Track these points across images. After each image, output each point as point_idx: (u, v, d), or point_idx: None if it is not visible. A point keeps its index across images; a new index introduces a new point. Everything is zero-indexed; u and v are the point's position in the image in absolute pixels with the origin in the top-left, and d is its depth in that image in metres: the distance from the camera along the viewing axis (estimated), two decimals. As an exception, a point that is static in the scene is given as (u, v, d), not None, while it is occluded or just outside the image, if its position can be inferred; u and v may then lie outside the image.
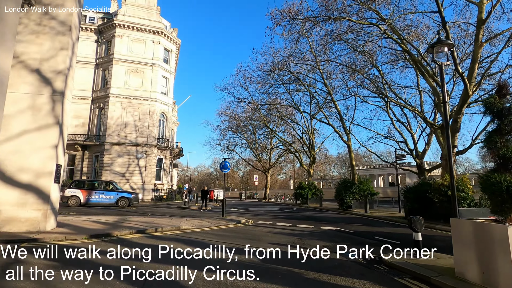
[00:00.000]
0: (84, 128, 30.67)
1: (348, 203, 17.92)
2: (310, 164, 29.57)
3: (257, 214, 17.18)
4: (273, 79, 21.73)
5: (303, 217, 15.44)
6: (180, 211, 18.31)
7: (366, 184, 18.45)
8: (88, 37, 32.09)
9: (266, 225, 11.81)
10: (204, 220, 12.13)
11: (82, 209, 17.14)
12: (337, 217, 15.39)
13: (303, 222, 12.90)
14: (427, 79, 14.22)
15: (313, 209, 21.13)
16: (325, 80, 20.77)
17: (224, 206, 13.58)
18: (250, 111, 33.51)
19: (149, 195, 29.67)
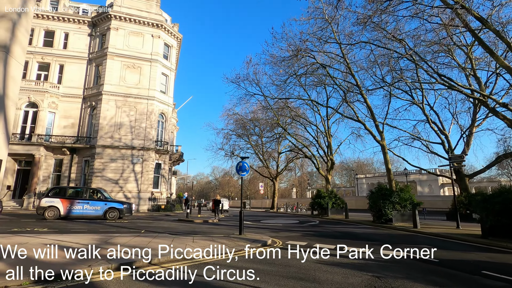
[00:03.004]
0: (73, 130, 27.46)
1: (387, 215, 14.67)
2: (327, 170, 26.31)
3: (277, 229, 13.88)
4: (292, 68, 18.70)
5: (339, 233, 12.15)
6: (183, 225, 14.98)
7: (408, 192, 15.26)
8: (80, 30, 29.25)
9: (304, 248, 8.55)
10: (218, 241, 8.84)
11: (60, 223, 13.78)
12: (383, 234, 12.12)
13: (346, 241, 9.64)
14: (498, 59, 11.23)
15: (339, 222, 17.81)
16: (352, 70, 17.80)
17: (242, 221, 10.30)
18: (260, 109, 30.55)
19: (146, 204, 26.27)
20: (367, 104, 17.92)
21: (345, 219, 19.04)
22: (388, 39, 15.93)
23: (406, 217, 14.96)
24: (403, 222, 14.86)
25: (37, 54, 27.74)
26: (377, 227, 14.48)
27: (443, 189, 61.41)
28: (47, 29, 28.49)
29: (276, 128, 32.96)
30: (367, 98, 17.96)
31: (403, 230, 12.99)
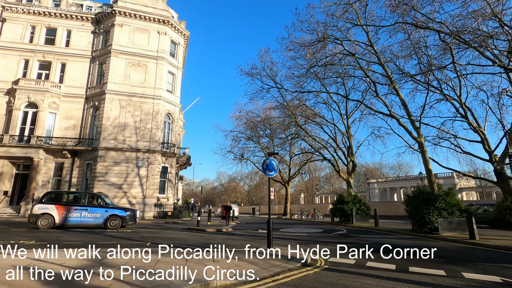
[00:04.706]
0: (75, 131, 25.85)
1: (432, 224, 12.52)
2: (349, 173, 24.18)
3: (303, 240, 11.83)
4: (313, 59, 16.81)
5: (383, 247, 10.05)
6: (194, 235, 13.02)
7: (454, 197, 13.13)
8: (83, 27, 27.88)
9: (357, 269, 6.52)
10: (245, 260, 6.87)
11: (53, 233, 11.93)
12: (440, 248, 9.97)
13: (403, 259, 7.60)
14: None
15: (370, 231, 15.68)
16: (381, 59, 15.87)
17: (271, 233, 8.28)
18: (273, 109, 28.72)
19: (151, 211, 24.39)
20: (400, 97, 15.89)
21: (375, 227, 16.88)
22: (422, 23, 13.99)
23: (454, 225, 12.81)
24: (451, 231, 12.69)
25: (38, 53, 26.36)
26: (421, 237, 12.32)
27: (460, 194, 58.55)
28: (48, 26, 27.17)
29: (288, 129, 31.04)
30: (399, 90, 15.96)
31: (459, 242, 10.84)
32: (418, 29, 13.63)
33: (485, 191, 52.34)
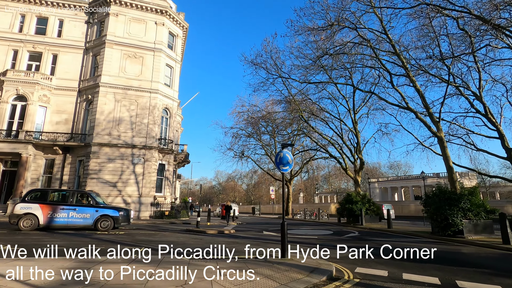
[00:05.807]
0: (67, 126, 24.47)
1: (457, 226, 11.36)
2: (356, 171, 23.02)
3: (314, 243, 10.60)
4: (323, 47, 15.60)
5: (404, 252, 8.86)
6: (194, 238, 11.76)
7: (478, 197, 11.99)
8: (77, 17, 26.45)
9: (395, 286, 5.31)
10: (257, 271, 5.61)
11: (36, 236, 10.62)
12: (474, 255, 8.83)
13: (438, 268, 6.41)
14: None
15: (384, 234, 14.51)
16: (396, 48, 14.69)
17: (286, 238, 7.07)
18: (276, 103, 27.52)
19: (147, 211, 23.08)
20: (416, 89, 14.69)
21: (388, 229, 15.71)
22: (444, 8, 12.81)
23: (479, 228, 11.67)
24: (477, 234, 11.55)
25: (28, 43, 24.91)
26: (447, 241, 11.14)
27: (463, 194, 57.26)
28: (39, 15, 25.71)
29: (291, 126, 29.84)
30: (416, 81, 14.77)
31: (491, 247, 9.68)
32: (440, 14, 12.42)
33: (489, 191, 51.37)
